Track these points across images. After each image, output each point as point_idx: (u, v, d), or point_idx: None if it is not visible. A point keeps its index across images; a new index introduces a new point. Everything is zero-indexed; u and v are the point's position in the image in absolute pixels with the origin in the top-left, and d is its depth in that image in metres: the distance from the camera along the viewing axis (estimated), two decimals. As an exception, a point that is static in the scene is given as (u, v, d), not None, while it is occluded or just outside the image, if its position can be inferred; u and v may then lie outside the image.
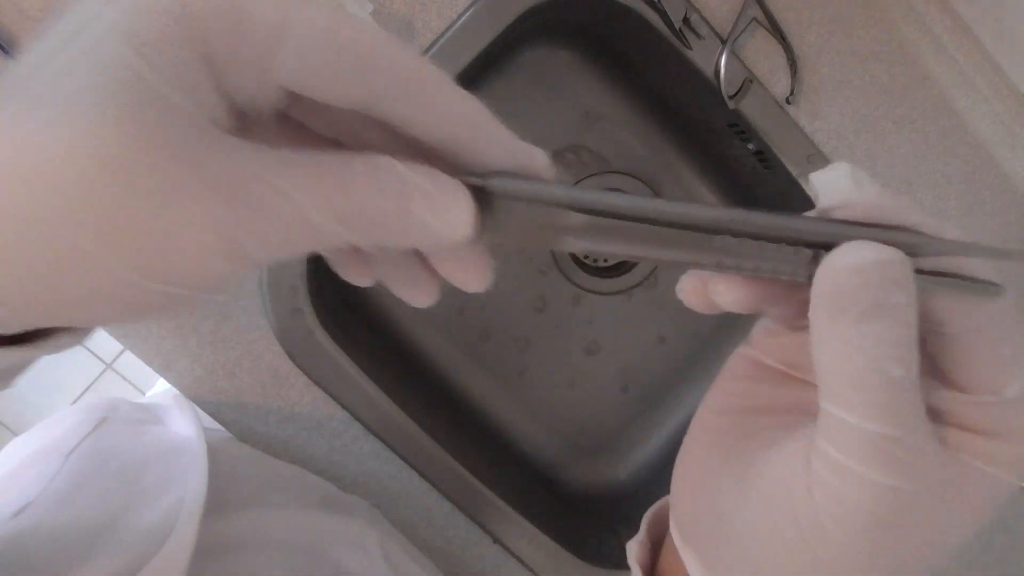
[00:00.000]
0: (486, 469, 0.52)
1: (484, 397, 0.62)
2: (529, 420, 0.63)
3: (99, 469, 0.36)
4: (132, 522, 0.31)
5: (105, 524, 0.30)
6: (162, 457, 0.39)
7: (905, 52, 0.54)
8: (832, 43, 0.53)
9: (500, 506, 0.51)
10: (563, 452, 0.63)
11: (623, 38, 0.55)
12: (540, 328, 0.62)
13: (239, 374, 0.49)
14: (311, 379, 0.49)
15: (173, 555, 0.29)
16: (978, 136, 0.55)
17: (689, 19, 0.50)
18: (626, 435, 0.64)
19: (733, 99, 0.51)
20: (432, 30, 0.48)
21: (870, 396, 0.16)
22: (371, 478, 0.51)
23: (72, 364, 1.36)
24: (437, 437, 0.50)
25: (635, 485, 0.63)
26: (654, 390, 0.64)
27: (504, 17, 0.48)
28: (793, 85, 0.52)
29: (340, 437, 0.51)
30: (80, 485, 0.34)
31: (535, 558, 0.52)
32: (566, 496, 0.62)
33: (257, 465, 0.46)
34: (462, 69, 0.48)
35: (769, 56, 0.52)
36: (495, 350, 0.62)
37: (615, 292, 0.63)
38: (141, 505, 0.33)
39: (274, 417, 0.50)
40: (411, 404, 0.51)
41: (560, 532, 0.53)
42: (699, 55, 0.51)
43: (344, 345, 0.49)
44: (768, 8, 0.51)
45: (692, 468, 0.22)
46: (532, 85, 0.58)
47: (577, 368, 0.63)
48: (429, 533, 0.52)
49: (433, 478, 0.51)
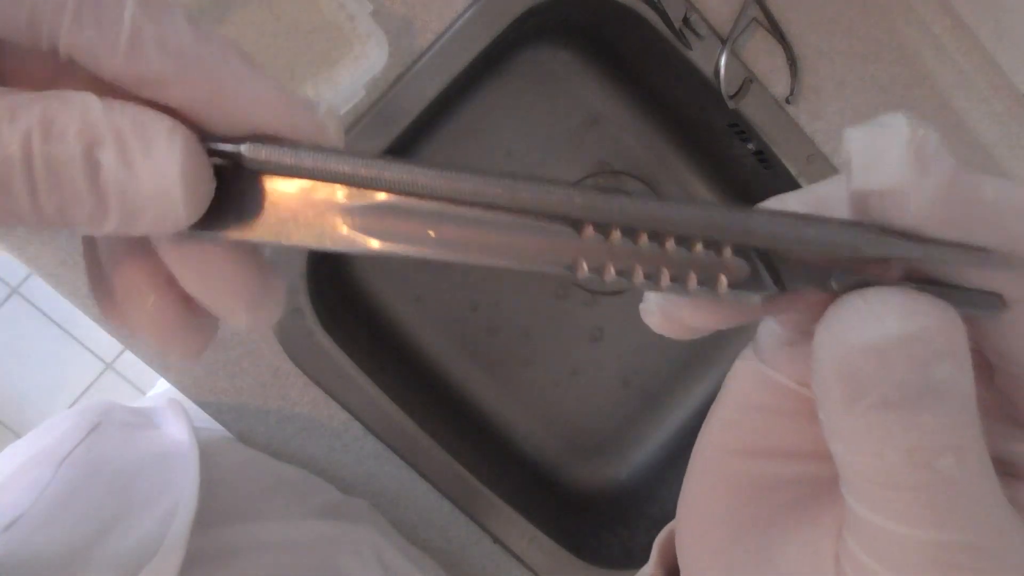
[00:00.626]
0: (486, 469, 0.53)
1: (484, 397, 0.62)
2: (529, 420, 0.63)
3: (91, 478, 0.35)
4: (123, 534, 0.31)
5: (95, 537, 0.30)
6: (155, 463, 0.39)
7: (905, 52, 0.54)
8: (832, 43, 0.53)
9: (500, 506, 0.51)
10: (563, 452, 0.63)
11: (623, 38, 0.55)
12: (540, 328, 0.62)
13: (239, 374, 0.49)
14: (311, 379, 0.49)
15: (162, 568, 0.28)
16: (978, 136, 0.55)
17: (689, 19, 0.50)
18: (626, 435, 0.64)
19: (733, 99, 0.51)
20: (432, 30, 0.48)
21: (913, 498, 0.11)
22: (371, 478, 0.51)
23: (72, 364, 1.36)
24: (437, 437, 0.50)
25: (635, 485, 0.63)
26: (655, 390, 0.64)
27: (504, 17, 0.48)
28: (793, 85, 0.52)
29: (340, 437, 0.51)
30: (71, 496, 0.33)
31: (535, 558, 0.52)
32: (566, 496, 0.62)
33: (256, 470, 0.46)
34: (462, 70, 0.48)
35: (769, 56, 0.52)
36: (495, 350, 0.62)
37: (616, 292, 0.63)
38: (132, 515, 0.33)
39: (274, 417, 0.50)
40: (411, 404, 0.51)
41: (560, 532, 0.53)
42: (699, 55, 0.51)
43: (344, 345, 0.49)
44: (768, 8, 0.51)
45: (702, 527, 0.17)
46: (532, 86, 0.58)
47: (577, 368, 0.63)
48: (429, 533, 0.52)
49: (433, 478, 0.51)
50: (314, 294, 0.49)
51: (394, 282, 0.59)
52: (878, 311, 0.11)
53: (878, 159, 0.12)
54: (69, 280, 0.46)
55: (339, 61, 0.46)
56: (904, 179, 0.11)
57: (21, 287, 1.31)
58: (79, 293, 0.46)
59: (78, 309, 0.47)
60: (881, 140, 0.12)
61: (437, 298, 0.60)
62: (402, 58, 0.48)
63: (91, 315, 0.47)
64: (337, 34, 0.46)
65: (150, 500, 0.34)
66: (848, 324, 0.12)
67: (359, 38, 0.46)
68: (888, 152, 0.11)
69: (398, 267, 0.59)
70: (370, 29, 0.46)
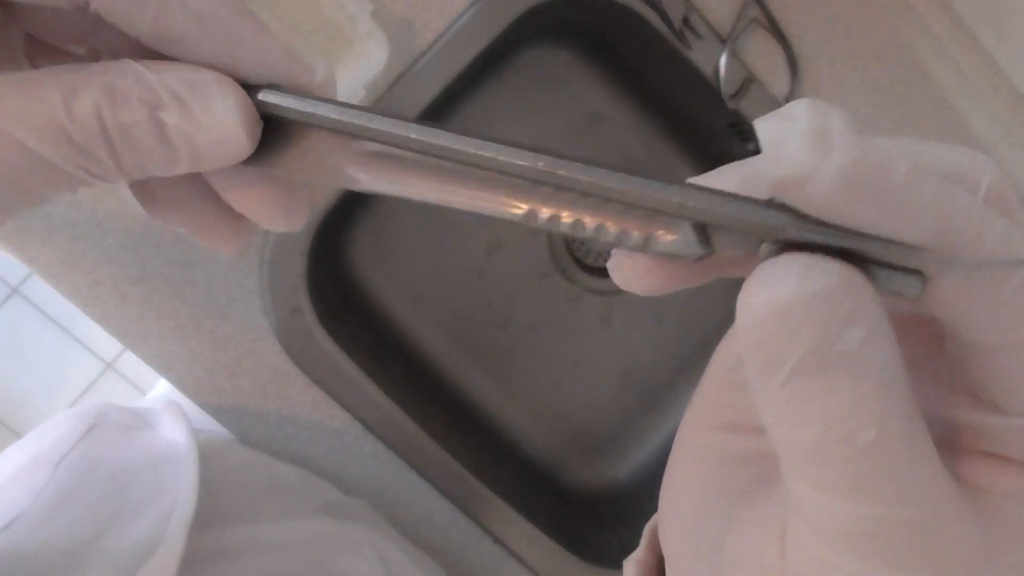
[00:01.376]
0: (486, 469, 0.53)
1: (484, 397, 0.62)
2: (529, 420, 0.63)
3: (88, 479, 0.35)
4: (120, 535, 0.31)
5: (92, 538, 0.30)
6: (152, 465, 0.39)
7: (905, 52, 0.54)
8: (832, 43, 0.53)
9: (500, 506, 0.51)
10: (563, 452, 0.63)
11: (623, 38, 0.55)
12: (540, 328, 0.62)
13: (239, 374, 0.49)
14: (311, 379, 0.49)
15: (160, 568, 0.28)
16: (978, 136, 0.55)
17: (689, 19, 0.50)
18: (626, 434, 0.64)
19: (733, 99, 0.51)
20: (432, 30, 0.48)
21: (839, 471, 0.11)
22: (371, 478, 0.51)
23: (72, 364, 1.36)
24: (437, 437, 0.50)
25: (635, 485, 0.63)
26: (655, 390, 0.64)
27: (504, 17, 0.48)
28: (793, 85, 0.52)
29: (340, 437, 0.51)
30: (68, 496, 0.33)
31: (535, 558, 0.52)
32: (566, 496, 0.62)
33: (257, 470, 0.46)
34: (462, 69, 0.48)
35: (769, 56, 0.52)
36: (496, 350, 0.62)
37: (616, 292, 0.63)
38: (129, 516, 0.33)
39: (274, 417, 0.50)
40: (411, 404, 0.51)
41: (560, 532, 0.53)
42: (699, 55, 0.51)
43: (344, 345, 0.49)
44: (768, 8, 0.51)
45: (678, 501, 0.17)
46: (532, 85, 0.58)
47: (577, 368, 0.63)
48: (429, 533, 0.52)
49: (433, 478, 0.51)
50: (314, 294, 0.49)
51: (394, 282, 0.60)
52: (781, 273, 0.11)
53: (781, 148, 0.11)
54: (69, 280, 0.46)
55: (339, 61, 0.46)
56: (803, 167, 0.11)
57: (21, 287, 1.31)
58: (79, 293, 0.46)
59: (78, 309, 0.47)
60: (783, 128, 0.12)
61: (437, 298, 0.60)
62: (402, 58, 0.48)
63: (91, 315, 0.47)
64: (337, 34, 0.46)
65: (147, 501, 0.34)
66: (755, 287, 0.11)
67: (359, 38, 0.46)
68: (789, 140, 0.11)
69: (398, 267, 0.59)
70: (370, 29, 0.46)
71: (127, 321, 0.47)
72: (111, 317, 0.47)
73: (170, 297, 0.47)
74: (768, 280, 0.11)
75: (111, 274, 0.46)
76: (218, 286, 0.48)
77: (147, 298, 0.47)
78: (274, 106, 0.15)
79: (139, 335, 0.48)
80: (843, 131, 0.11)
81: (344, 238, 0.58)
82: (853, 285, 0.11)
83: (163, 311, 0.47)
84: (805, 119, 0.11)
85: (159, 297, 0.47)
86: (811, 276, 0.11)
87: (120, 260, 0.46)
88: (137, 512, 0.33)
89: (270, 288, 0.48)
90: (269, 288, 0.48)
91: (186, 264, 0.47)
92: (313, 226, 0.49)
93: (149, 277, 0.47)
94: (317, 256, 0.50)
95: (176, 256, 0.47)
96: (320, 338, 0.49)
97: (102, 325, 0.47)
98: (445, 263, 0.60)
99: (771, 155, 0.12)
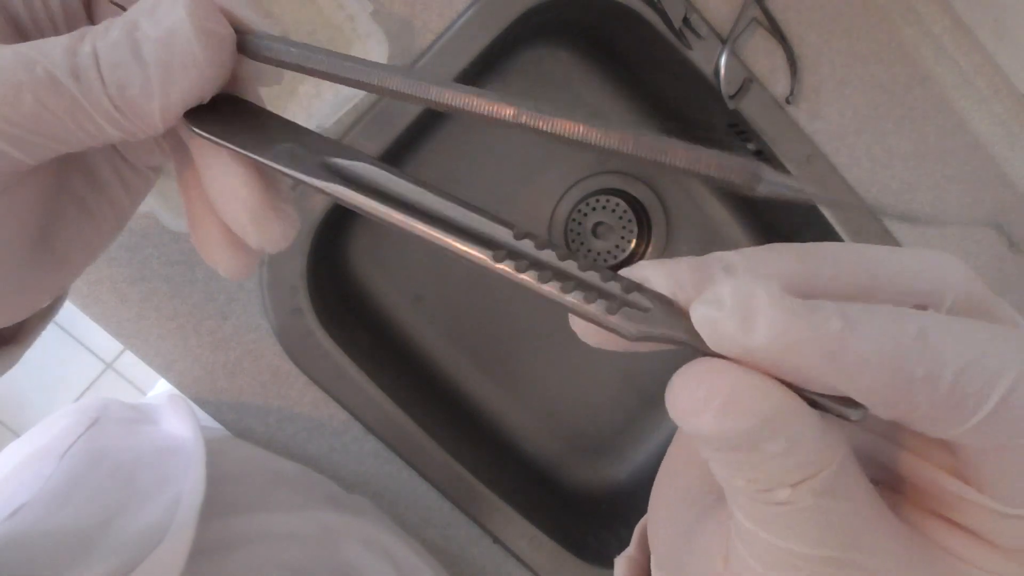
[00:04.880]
0: (486, 469, 0.53)
1: (484, 397, 0.62)
2: (529, 420, 0.63)
3: (93, 469, 0.36)
4: (127, 522, 0.31)
5: (99, 525, 0.30)
6: (156, 457, 0.39)
7: (905, 52, 0.54)
8: (832, 43, 0.53)
9: (500, 506, 0.51)
10: (563, 452, 0.63)
11: (623, 38, 0.55)
12: (540, 328, 0.62)
13: (239, 374, 0.49)
14: (311, 379, 0.49)
15: (168, 555, 0.28)
16: (978, 136, 0.55)
17: (689, 19, 0.50)
18: (626, 435, 0.64)
19: (733, 99, 0.51)
20: (432, 30, 0.48)
21: (771, 513, 0.12)
22: (371, 478, 0.51)
23: (72, 364, 1.36)
24: (437, 437, 0.50)
25: (635, 485, 0.63)
26: (655, 390, 0.64)
27: (504, 17, 0.48)
28: (793, 85, 0.52)
29: (340, 437, 0.51)
30: (74, 486, 0.34)
31: (535, 558, 0.52)
32: (566, 496, 0.62)
33: (260, 464, 0.46)
34: (462, 69, 0.48)
35: (769, 56, 0.52)
36: (496, 350, 0.62)
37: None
38: (136, 505, 0.33)
39: (274, 417, 0.50)
40: (411, 404, 0.51)
41: (560, 532, 0.53)
42: (699, 55, 0.51)
43: (344, 345, 0.49)
44: (768, 8, 0.51)
45: (658, 501, 0.18)
46: (532, 85, 0.58)
47: (578, 368, 0.63)
48: (429, 533, 0.52)
49: (433, 478, 0.51)
50: (314, 294, 0.49)
51: (394, 282, 0.60)
52: (695, 386, 0.12)
53: (713, 332, 0.12)
54: (69, 280, 0.46)
55: (339, 61, 0.46)
56: (735, 349, 0.12)
57: (21, 287, 1.31)
58: (79, 293, 0.46)
59: (78, 309, 0.47)
60: (712, 313, 0.12)
61: (437, 298, 0.60)
62: (402, 58, 0.48)
63: (91, 315, 0.47)
64: (337, 34, 0.46)
65: (153, 490, 0.34)
66: (676, 383, 0.12)
67: (359, 38, 0.46)
68: (718, 323, 0.12)
69: (398, 267, 0.59)
70: (370, 29, 0.46)
71: (126, 321, 0.47)
72: (110, 317, 0.47)
73: (170, 297, 0.47)
74: (685, 385, 0.12)
75: (110, 274, 0.46)
76: (218, 286, 0.48)
77: (147, 298, 0.47)
78: (259, 45, 0.16)
79: (139, 335, 0.48)
80: (768, 304, 0.11)
81: (344, 238, 0.58)
82: (783, 405, 0.11)
83: (163, 311, 0.47)
84: (728, 300, 0.12)
85: (159, 297, 0.47)
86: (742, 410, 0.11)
87: (120, 260, 0.46)
88: (143, 501, 0.33)
89: (270, 288, 0.48)
90: (269, 288, 0.48)
91: (186, 264, 0.47)
92: (313, 226, 0.49)
93: (149, 277, 0.47)
94: (317, 256, 0.50)
95: (176, 256, 0.47)
96: (320, 338, 0.49)
97: (102, 325, 0.47)
98: (445, 263, 0.60)
99: (707, 336, 0.12)
